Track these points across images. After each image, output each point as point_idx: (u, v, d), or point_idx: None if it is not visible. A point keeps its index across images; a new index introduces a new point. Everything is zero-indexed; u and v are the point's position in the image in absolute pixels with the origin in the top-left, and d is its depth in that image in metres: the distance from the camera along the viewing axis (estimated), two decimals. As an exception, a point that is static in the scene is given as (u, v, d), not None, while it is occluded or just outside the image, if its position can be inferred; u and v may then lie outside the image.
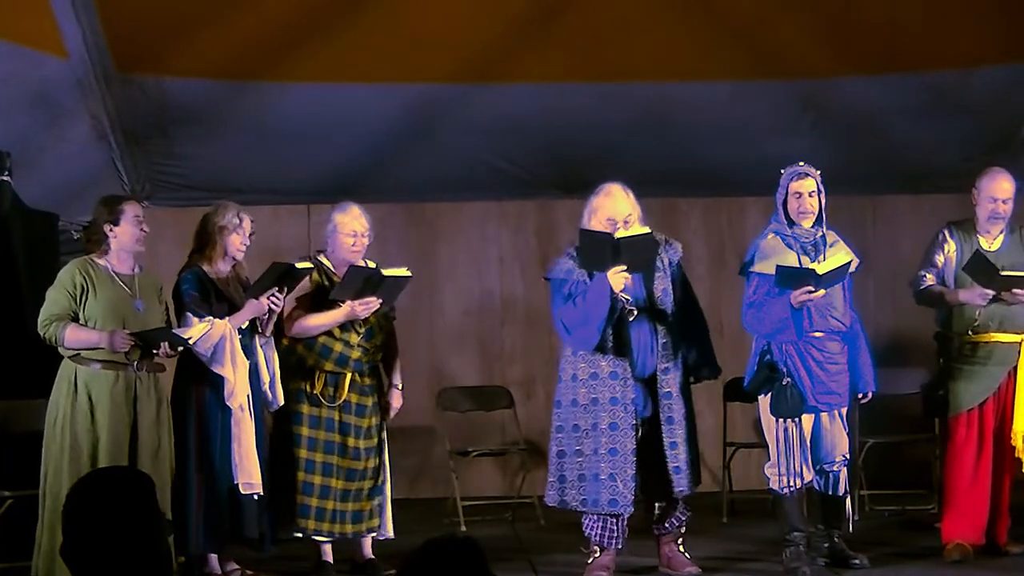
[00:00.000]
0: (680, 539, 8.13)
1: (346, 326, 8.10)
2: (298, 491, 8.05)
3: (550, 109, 10.85)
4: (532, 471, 10.30)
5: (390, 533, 8.31)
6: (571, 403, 7.90)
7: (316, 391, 8.10)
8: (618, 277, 7.64)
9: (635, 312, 7.83)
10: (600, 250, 7.68)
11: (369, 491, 8.20)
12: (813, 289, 7.66)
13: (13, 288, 9.28)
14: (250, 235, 8.01)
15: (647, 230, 7.71)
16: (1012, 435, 8.13)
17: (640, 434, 7.83)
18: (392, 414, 8.41)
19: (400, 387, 8.46)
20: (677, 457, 7.85)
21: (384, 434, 8.34)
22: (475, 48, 10.58)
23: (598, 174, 10.97)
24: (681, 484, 7.86)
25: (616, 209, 7.83)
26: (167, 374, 7.85)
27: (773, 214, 8.05)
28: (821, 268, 7.67)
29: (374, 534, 8.27)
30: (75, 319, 7.42)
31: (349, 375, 8.14)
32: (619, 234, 7.66)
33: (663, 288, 7.92)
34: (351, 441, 8.13)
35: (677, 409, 7.88)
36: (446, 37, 10.49)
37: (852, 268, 8.00)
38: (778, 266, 7.78)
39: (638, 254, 7.68)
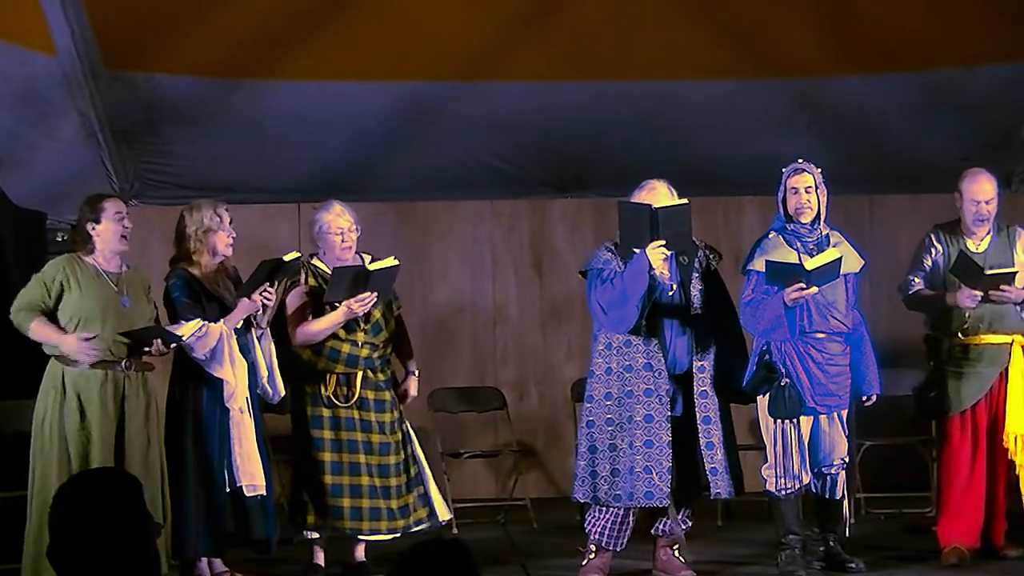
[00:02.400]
0: (677, 544, 8.06)
1: (351, 326, 8.06)
2: (327, 495, 8.00)
3: (544, 107, 10.81)
4: (525, 473, 10.27)
5: (444, 517, 8.27)
6: (604, 397, 7.83)
7: (329, 392, 8.04)
8: (657, 253, 7.56)
9: (674, 287, 7.77)
10: (638, 223, 7.62)
11: (406, 485, 8.14)
12: (805, 286, 7.59)
13: (1, 287, 9.20)
14: (230, 223, 7.92)
15: (685, 201, 7.68)
16: (1005, 437, 8.10)
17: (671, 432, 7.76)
18: (408, 400, 8.39)
19: (416, 373, 8.44)
20: (714, 458, 7.78)
21: (407, 426, 8.28)
22: (468, 45, 10.55)
23: (592, 173, 11.09)
24: (719, 486, 7.80)
25: (657, 201, 7.74)
26: (159, 374, 7.79)
27: (776, 213, 8.02)
28: (810, 264, 7.63)
29: (424, 525, 8.19)
30: (45, 312, 7.37)
31: (360, 373, 8.09)
32: (657, 204, 7.60)
33: (699, 288, 7.88)
34: (375, 437, 8.09)
35: (713, 409, 7.82)
36: (438, 34, 10.47)
37: (857, 269, 7.97)
38: (767, 261, 7.77)
39: (676, 228, 7.61)
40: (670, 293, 7.80)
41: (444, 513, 8.29)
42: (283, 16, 10.33)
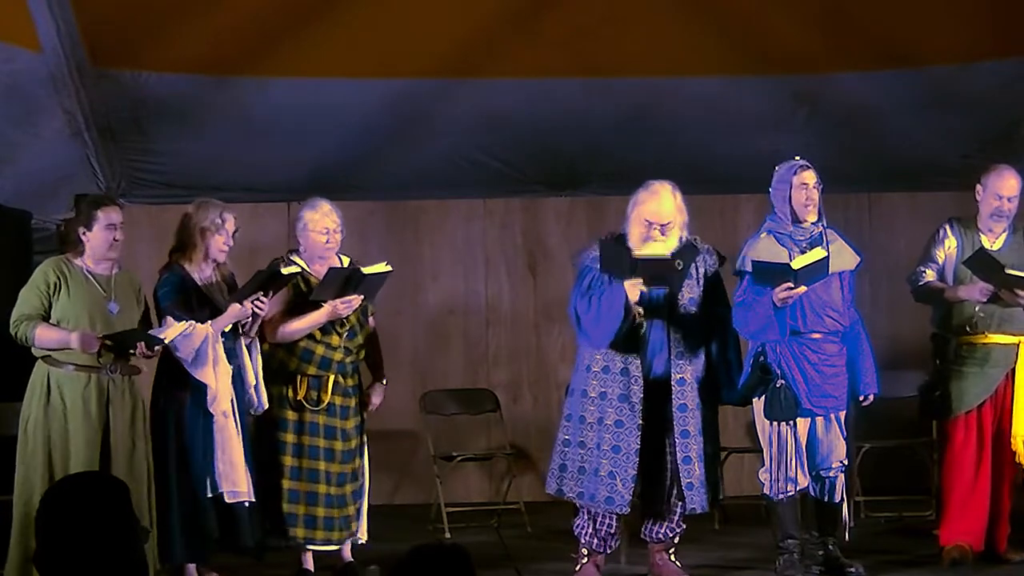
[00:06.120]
0: (672, 548, 8.01)
1: (327, 328, 7.97)
2: (284, 499, 7.93)
3: (536, 104, 10.78)
4: (518, 476, 10.24)
5: (363, 538, 8.20)
6: (581, 394, 7.82)
7: (299, 396, 7.95)
8: (635, 289, 7.52)
9: (644, 324, 7.66)
10: (618, 261, 7.60)
11: (352, 495, 8.07)
12: (793, 286, 7.51)
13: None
14: (234, 233, 7.85)
15: (666, 254, 7.57)
16: (1012, 439, 8.03)
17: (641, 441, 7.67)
18: (371, 409, 8.26)
19: (384, 383, 8.31)
20: (691, 473, 7.69)
21: (364, 436, 8.19)
22: (460, 42, 10.53)
23: (586, 171, 11.06)
24: (694, 501, 7.72)
25: (659, 211, 7.68)
26: (145, 377, 7.70)
27: (769, 213, 7.95)
28: (796, 263, 7.57)
29: (353, 538, 8.15)
30: (46, 319, 7.29)
31: (332, 377, 8.00)
32: (637, 253, 7.54)
33: (690, 297, 7.77)
34: (338, 445, 8.01)
35: (694, 423, 7.71)
36: (429, 30, 10.43)
37: (852, 266, 7.90)
38: (753, 262, 7.72)
39: (654, 272, 7.56)
40: (643, 326, 7.67)
41: (364, 534, 8.21)
42: (272, 12, 10.30)
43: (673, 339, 7.71)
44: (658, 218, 7.66)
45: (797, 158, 7.94)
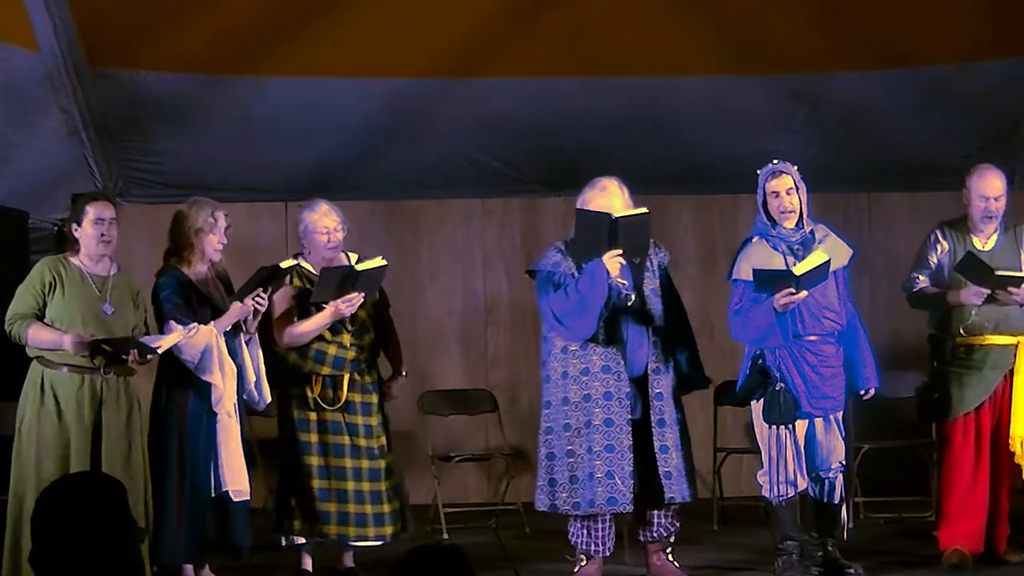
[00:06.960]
0: (669, 548, 7.99)
1: (336, 327, 7.97)
2: (315, 499, 7.91)
3: (536, 104, 10.80)
4: (517, 477, 10.22)
5: (410, 529, 8.22)
6: (562, 401, 7.73)
7: (315, 395, 7.95)
8: (614, 262, 7.46)
9: (632, 297, 7.64)
10: (596, 232, 7.49)
11: (388, 491, 8.05)
12: (794, 291, 7.48)
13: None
14: (226, 229, 7.83)
15: (644, 210, 7.54)
16: (1010, 440, 8.00)
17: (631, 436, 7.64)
18: (390, 399, 8.27)
19: (404, 374, 8.33)
20: (668, 462, 7.66)
21: (388, 433, 8.19)
22: (458, 41, 10.56)
23: (585, 171, 10.91)
24: (672, 491, 7.66)
25: (608, 207, 7.61)
26: (145, 377, 7.66)
27: (757, 216, 7.91)
28: (798, 269, 7.53)
29: (404, 534, 8.14)
30: (41, 318, 7.27)
31: (347, 376, 8.00)
32: (617, 213, 7.47)
33: (651, 288, 7.76)
34: (361, 441, 7.99)
35: (668, 412, 7.70)
36: (428, 30, 10.44)
37: (846, 261, 7.86)
38: (754, 270, 7.66)
39: (634, 237, 7.51)
40: (624, 294, 7.64)
41: (411, 526, 8.24)
42: (270, 12, 10.32)
43: (648, 333, 7.68)
44: (611, 212, 7.59)
45: (775, 161, 7.88)
